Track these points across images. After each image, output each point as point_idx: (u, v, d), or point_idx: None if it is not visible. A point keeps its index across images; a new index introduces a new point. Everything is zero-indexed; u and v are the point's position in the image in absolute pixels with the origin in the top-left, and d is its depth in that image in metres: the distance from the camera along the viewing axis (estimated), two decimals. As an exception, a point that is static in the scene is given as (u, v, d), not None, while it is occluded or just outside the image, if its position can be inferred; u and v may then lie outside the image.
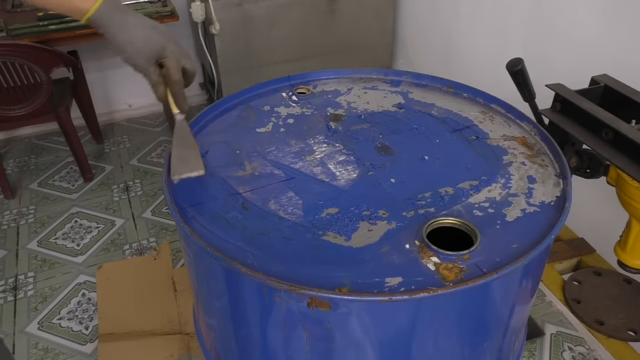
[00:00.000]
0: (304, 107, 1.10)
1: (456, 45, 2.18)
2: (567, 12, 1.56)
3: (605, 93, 1.11)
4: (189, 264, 0.90)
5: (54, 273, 1.97)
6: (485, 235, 0.76)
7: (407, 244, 0.75)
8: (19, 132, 2.80)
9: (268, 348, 0.80)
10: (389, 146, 0.97)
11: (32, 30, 2.00)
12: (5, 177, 2.34)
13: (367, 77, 1.20)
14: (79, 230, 2.17)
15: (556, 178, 0.88)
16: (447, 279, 0.69)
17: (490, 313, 0.78)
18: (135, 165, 2.57)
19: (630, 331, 1.09)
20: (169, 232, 2.15)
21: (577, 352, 1.64)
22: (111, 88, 2.90)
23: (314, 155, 0.94)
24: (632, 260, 1.09)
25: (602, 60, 1.44)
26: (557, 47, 1.62)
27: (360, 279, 0.69)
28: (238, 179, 0.89)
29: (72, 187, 2.43)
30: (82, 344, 1.69)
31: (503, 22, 1.86)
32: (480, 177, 0.88)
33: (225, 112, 1.09)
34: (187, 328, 1.67)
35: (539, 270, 0.85)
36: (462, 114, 1.06)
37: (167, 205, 0.82)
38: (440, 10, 2.24)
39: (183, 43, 3.13)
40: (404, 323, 0.72)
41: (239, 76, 2.43)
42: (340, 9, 2.45)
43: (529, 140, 0.98)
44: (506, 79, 1.13)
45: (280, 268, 0.71)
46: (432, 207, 0.82)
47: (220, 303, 0.83)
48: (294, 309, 0.70)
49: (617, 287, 1.19)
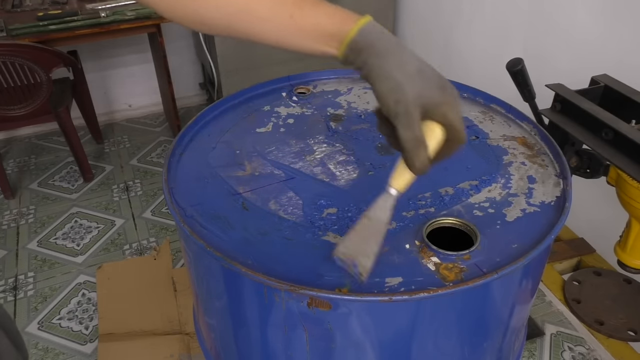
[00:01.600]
0: (304, 107, 1.10)
1: (456, 45, 2.18)
2: (567, 12, 1.56)
3: (605, 93, 1.11)
4: (189, 264, 0.90)
5: (54, 273, 1.97)
6: (485, 235, 0.76)
7: (407, 244, 0.75)
8: (19, 132, 2.80)
9: (268, 348, 0.80)
10: (389, 146, 0.97)
11: (32, 30, 2.00)
12: (5, 177, 2.34)
13: (367, 77, 1.20)
14: (79, 230, 2.17)
15: (556, 178, 0.88)
16: (447, 279, 0.69)
17: (490, 313, 0.78)
18: (135, 165, 2.57)
19: (630, 331, 1.09)
20: (169, 232, 2.15)
21: (577, 352, 1.64)
22: (111, 88, 2.90)
23: (314, 155, 0.94)
24: (632, 260, 1.09)
25: (602, 60, 1.44)
26: (557, 47, 1.62)
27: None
28: (238, 179, 0.89)
29: (72, 187, 2.43)
30: (82, 344, 1.69)
31: (503, 22, 1.86)
32: (480, 177, 0.88)
33: (225, 112, 1.09)
34: (187, 328, 1.67)
35: (539, 270, 0.85)
36: (462, 113, 1.06)
37: (167, 205, 0.82)
38: (441, 10, 2.24)
39: (183, 43, 3.13)
40: (404, 323, 0.72)
41: (239, 76, 2.43)
42: (340, 9, 2.45)
43: (529, 140, 0.98)
44: (506, 79, 1.13)
45: (280, 268, 0.71)
46: (432, 207, 0.82)
47: (220, 303, 0.83)
48: (294, 309, 0.70)
49: (617, 287, 1.19)
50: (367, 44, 0.57)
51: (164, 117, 2.97)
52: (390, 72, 0.57)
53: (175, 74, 2.47)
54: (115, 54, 2.80)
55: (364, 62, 0.58)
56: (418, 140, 0.57)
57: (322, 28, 0.58)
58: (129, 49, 2.81)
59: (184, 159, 0.95)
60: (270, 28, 0.59)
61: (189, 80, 2.98)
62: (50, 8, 2.15)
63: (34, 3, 2.21)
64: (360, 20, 0.58)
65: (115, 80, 2.88)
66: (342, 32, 0.58)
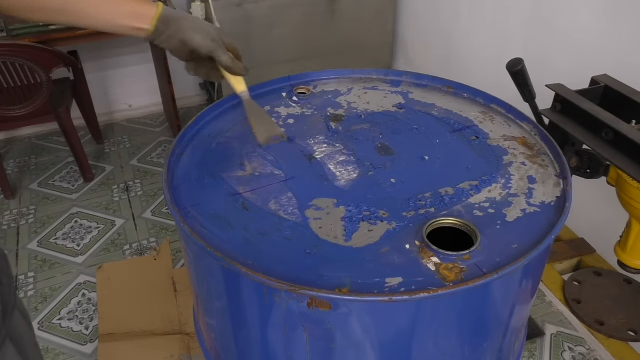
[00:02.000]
0: (304, 107, 1.10)
1: (456, 45, 2.18)
2: (567, 12, 1.56)
3: (605, 93, 1.11)
4: (189, 264, 0.90)
5: (54, 273, 1.97)
6: (485, 235, 0.76)
7: (407, 244, 0.75)
8: (19, 132, 2.80)
9: (268, 348, 0.80)
10: (389, 146, 0.97)
11: (32, 30, 2.00)
12: (5, 177, 2.34)
13: (367, 77, 1.20)
14: (79, 230, 2.17)
15: (556, 178, 0.88)
16: (447, 279, 0.69)
17: (490, 313, 0.78)
18: (135, 165, 2.57)
19: (630, 331, 1.09)
20: (169, 232, 2.15)
21: (577, 352, 1.64)
22: (111, 88, 2.90)
23: (314, 155, 0.94)
24: (632, 260, 1.09)
25: (602, 60, 1.44)
26: (557, 47, 1.62)
27: (360, 279, 0.69)
28: (238, 179, 0.89)
29: (72, 187, 2.43)
30: (82, 344, 1.69)
31: (503, 22, 1.86)
32: (480, 177, 0.88)
33: (225, 112, 1.09)
34: (187, 328, 1.67)
35: (539, 270, 0.85)
36: (462, 114, 1.06)
37: (167, 205, 0.82)
38: (441, 10, 2.24)
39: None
40: (404, 323, 0.72)
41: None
42: (340, 9, 2.45)
43: (529, 140, 0.98)
44: (506, 79, 1.13)
45: (280, 268, 0.71)
46: (432, 207, 0.82)
47: (220, 303, 0.83)
48: (294, 309, 0.70)
49: (617, 287, 1.19)
50: (173, 16, 0.84)
51: (164, 117, 2.97)
52: (199, 26, 0.85)
53: (175, 74, 2.46)
54: (115, 54, 2.80)
55: (175, 28, 0.84)
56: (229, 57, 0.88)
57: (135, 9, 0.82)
58: (129, 49, 2.81)
59: (184, 159, 0.95)
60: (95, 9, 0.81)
61: (189, 80, 2.98)
62: (50, 8, 2.15)
63: (34, 3, 2.21)
64: (159, 4, 0.84)
65: (115, 80, 2.88)
66: (151, 11, 0.83)
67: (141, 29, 0.84)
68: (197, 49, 0.85)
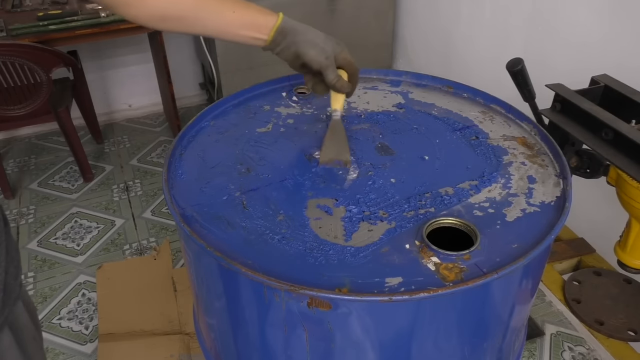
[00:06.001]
0: (304, 107, 1.10)
1: (456, 45, 2.18)
2: (567, 12, 1.56)
3: (605, 93, 1.11)
4: (189, 264, 0.90)
5: (54, 273, 1.97)
6: (485, 235, 0.76)
7: (407, 244, 0.75)
8: (19, 132, 2.80)
9: (268, 348, 0.80)
10: (389, 146, 0.97)
11: (32, 30, 2.00)
12: (5, 177, 2.34)
13: (367, 77, 1.20)
14: (79, 230, 2.17)
15: (556, 178, 0.88)
16: (447, 279, 0.69)
17: (491, 313, 0.78)
18: (135, 165, 2.57)
19: (630, 331, 1.09)
20: (169, 232, 2.15)
21: (577, 352, 1.64)
22: (111, 88, 2.90)
23: (314, 155, 0.94)
24: (632, 260, 1.09)
25: (602, 60, 1.44)
26: (557, 47, 1.62)
27: (360, 279, 0.69)
28: (238, 179, 0.89)
29: (72, 187, 2.43)
30: (82, 344, 1.70)
31: (503, 22, 1.86)
32: (480, 177, 0.88)
33: (225, 112, 1.09)
34: (187, 328, 1.67)
35: (539, 270, 0.85)
36: (462, 114, 1.06)
37: (167, 205, 0.82)
38: (441, 10, 2.24)
39: (183, 43, 3.14)
40: (404, 323, 0.72)
41: (239, 76, 2.43)
42: (340, 8, 2.45)
43: (529, 140, 0.98)
44: (506, 79, 1.13)
45: (280, 268, 0.71)
46: (432, 207, 0.82)
47: (220, 303, 0.83)
48: (294, 309, 0.70)
49: (617, 287, 1.19)
50: (290, 28, 0.86)
51: (164, 117, 2.97)
52: (314, 41, 0.87)
53: (175, 74, 2.47)
54: (115, 54, 2.80)
55: (291, 41, 0.86)
56: (338, 75, 0.90)
57: (256, 20, 0.85)
58: (129, 49, 2.81)
59: (184, 159, 0.95)
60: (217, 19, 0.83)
61: (189, 80, 2.98)
62: (50, 8, 2.15)
63: (34, 3, 2.21)
64: (279, 15, 0.86)
65: (115, 80, 2.88)
66: (270, 22, 0.85)
67: (259, 39, 0.86)
68: (309, 63, 0.87)
